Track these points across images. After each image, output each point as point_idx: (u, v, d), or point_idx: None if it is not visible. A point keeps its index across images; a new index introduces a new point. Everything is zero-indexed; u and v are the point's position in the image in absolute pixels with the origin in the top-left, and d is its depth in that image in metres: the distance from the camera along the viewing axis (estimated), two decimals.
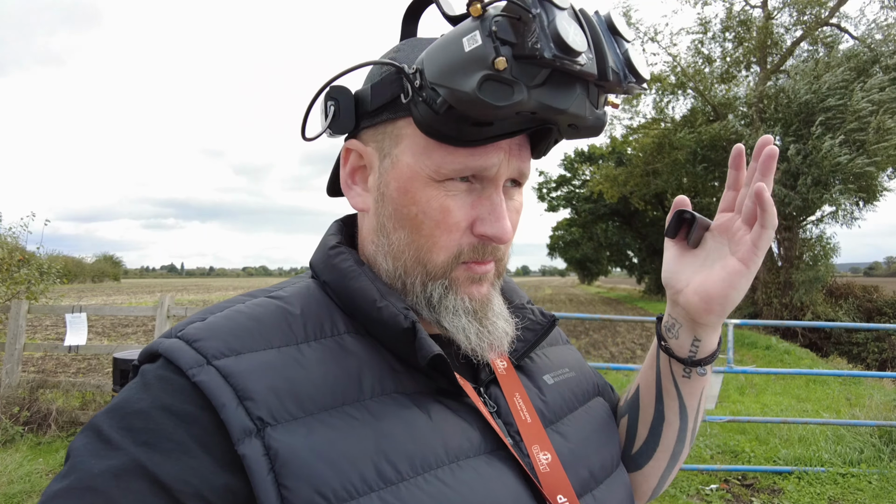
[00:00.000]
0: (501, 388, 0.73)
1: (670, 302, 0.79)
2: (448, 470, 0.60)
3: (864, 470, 4.58)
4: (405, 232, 0.67)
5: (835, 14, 17.01)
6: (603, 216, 33.83)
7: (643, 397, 0.85)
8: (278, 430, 0.55)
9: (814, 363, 11.14)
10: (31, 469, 4.68)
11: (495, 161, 0.64)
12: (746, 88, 17.90)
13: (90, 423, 0.56)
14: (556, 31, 0.53)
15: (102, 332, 13.94)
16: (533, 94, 0.56)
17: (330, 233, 0.77)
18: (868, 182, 14.73)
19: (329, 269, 0.71)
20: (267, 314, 0.64)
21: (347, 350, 0.65)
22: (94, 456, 0.53)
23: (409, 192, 0.65)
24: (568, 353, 0.91)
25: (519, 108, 0.56)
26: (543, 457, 0.68)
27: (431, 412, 0.64)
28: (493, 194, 0.65)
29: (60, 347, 5.82)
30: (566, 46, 0.53)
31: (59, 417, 5.55)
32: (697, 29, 18.53)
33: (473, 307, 0.69)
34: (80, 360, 9.77)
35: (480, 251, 0.67)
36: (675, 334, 0.78)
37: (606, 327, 15.99)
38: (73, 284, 50.40)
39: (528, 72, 0.55)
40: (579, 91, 0.58)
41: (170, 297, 5.81)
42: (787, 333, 14.54)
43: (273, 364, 0.59)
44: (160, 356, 0.60)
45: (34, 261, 7.50)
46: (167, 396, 0.56)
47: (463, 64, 0.56)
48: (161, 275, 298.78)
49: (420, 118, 0.61)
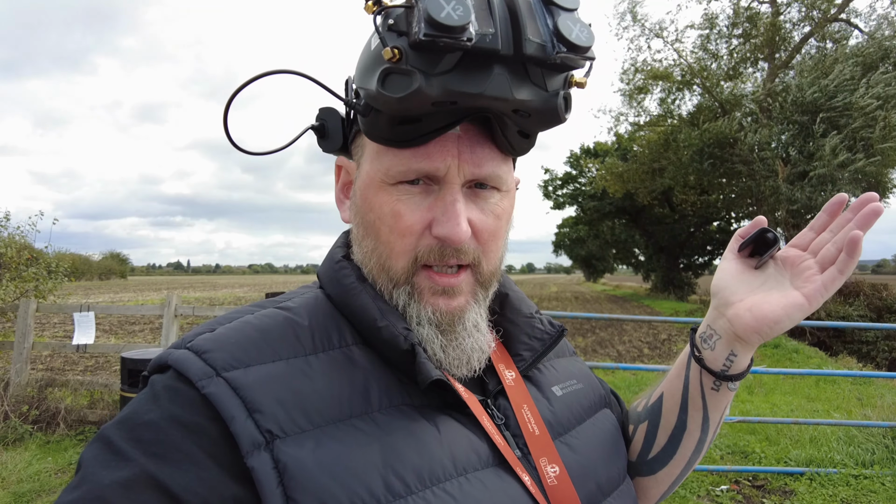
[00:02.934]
0: (509, 399, 0.72)
1: (714, 313, 0.77)
2: (456, 483, 0.60)
3: (877, 472, 4.53)
4: (370, 239, 0.68)
5: (844, 9, 16.86)
6: (609, 214, 33.70)
7: (667, 405, 0.83)
8: (287, 443, 0.55)
9: (823, 362, 11.06)
10: (40, 468, 4.70)
11: (441, 164, 0.63)
12: (754, 85, 17.77)
13: (100, 434, 0.57)
14: (427, 11, 0.52)
15: (110, 330, 14.00)
16: (436, 81, 0.54)
17: (337, 244, 0.78)
18: (876, 179, 14.60)
19: (333, 283, 0.72)
20: (275, 325, 0.65)
21: (355, 362, 0.65)
22: (104, 467, 0.53)
23: (367, 199, 0.67)
24: (575, 364, 0.91)
25: (422, 97, 0.54)
26: (551, 469, 0.68)
27: (439, 424, 0.64)
28: (446, 195, 0.64)
29: (68, 346, 5.84)
30: (436, 23, 0.51)
31: (68, 416, 5.58)
32: (704, 25, 18.40)
33: (438, 319, 0.67)
34: (88, 358, 9.81)
35: (439, 254, 0.65)
36: (712, 345, 0.76)
37: (613, 325, 15.94)
38: (80, 282, 50.72)
39: (428, 60, 0.54)
40: (497, 72, 0.55)
41: (177, 295, 5.81)
42: (794, 332, 14.42)
43: (281, 376, 0.59)
44: (170, 367, 0.60)
45: (42, 259, 7.52)
46: (176, 408, 0.56)
47: (370, 63, 0.58)
48: (167, 272, 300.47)
49: (361, 124, 0.64)
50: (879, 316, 15.96)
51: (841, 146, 13.49)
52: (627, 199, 26.43)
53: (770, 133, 15.17)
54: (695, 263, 34.82)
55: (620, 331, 15.12)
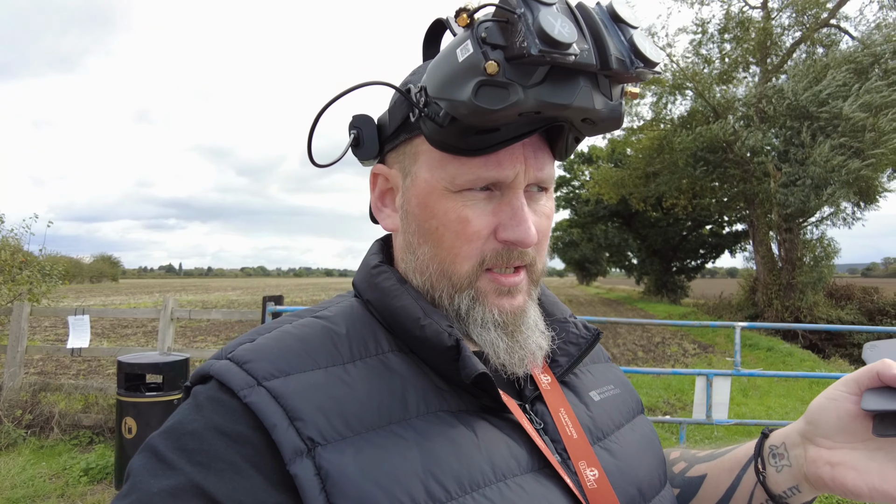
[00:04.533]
0: (546, 404, 0.72)
1: (797, 437, 0.69)
2: (496, 489, 0.60)
3: None
4: (428, 246, 0.68)
5: (834, 15, 17.02)
6: (602, 217, 33.84)
7: (706, 491, 0.80)
8: (328, 450, 0.56)
9: (815, 365, 11.14)
10: (34, 473, 4.66)
11: (510, 171, 0.65)
12: (746, 89, 17.89)
13: (147, 444, 0.58)
14: (540, 26, 0.54)
15: (102, 334, 13.90)
16: (531, 93, 0.56)
17: (372, 252, 0.78)
18: (867, 184, 14.72)
19: (372, 288, 0.72)
20: (313, 335, 0.66)
21: (392, 369, 0.65)
22: (152, 476, 0.54)
23: (429, 207, 0.67)
24: (611, 370, 0.90)
25: (517, 108, 0.57)
26: (591, 473, 0.67)
27: (477, 430, 0.64)
28: (512, 199, 0.66)
29: (62, 349, 5.80)
30: (551, 40, 0.54)
31: (62, 420, 5.53)
32: (695, 29, 18.52)
33: (504, 320, 0.68)
34: (81, 361, 9.73)
35: (505, 257, 0.67)
36: (778, 468, 0.71)
37: (607, 329, 15.97)
38: (71, 285, 50.37)
39: (522, 72, 0.56)
40: (583, 84, 0.58)
41: (173, 299, 5.78)
42: (787, 335, 14.53)
43: (321, 384, 0.60)
44: (211, 378, 0.61)
45: (35, 262, 7.47)
46: (219, 417, 0.57)
47: (458, 74, 0.58)
48: (159, 275, 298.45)
49: (428, 133, 0.64)
50: (871, 318, 16.13)
51: (832, 152, 13.60)
52: (621, 203, 26.52)
53: (763, 137, 15.28)
54: (688, 267, 35.05)
55: (614, 334, 15.16)
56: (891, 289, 18.96)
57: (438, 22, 0.76)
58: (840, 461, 0.63)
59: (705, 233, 31.99)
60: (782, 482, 0.71)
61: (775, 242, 17.37)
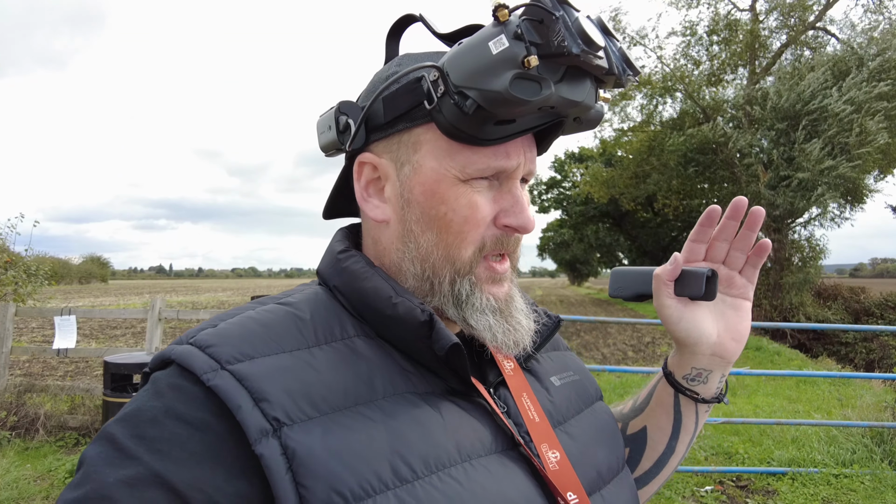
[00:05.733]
0: (510, 388, 0.74)
1: (696, 355, 0.83)
2: (461, 469, 0.61)
3: (856, 471, 4.61)
4: (433, 233, 0.69)
5: (821, 18, 17.19)
6: (593, 217, 33.99)
7: (653, 437, 0.89)
8: (294, 430, 0.56)
9: (803, 364, 11.23)
10: (19, 475, 4.60)
11: (516, 161, 0.68)
12: (735, 91, 18.02)
13: (103, 432, 0.57)
14: (582, 29, 0.59)
15: (90, 335, 13.77)
16: (556, 88, 0.60)
17: (336, 239, 0.79)
18: (854, 185, 14.87)
19: (339, 273, 0.73)
20: (277, 320, 0.66)
21: (358, 353, 0.66)
22: (108, 465, 0.54)
23: (437, 194, 0.68)
24: (569, 357, 0.94)
25: (546, 102, 0.60)
26: (552, 455, 0.70)
27: (443, 412, 0.65)
28: (513, 188, 0.70)
29: (48, 350, 5.73)
30: (591, 41, 0.59)
31: (48, 422, 5.47)
32: (684, 31, 18.64)
33: (499, 306, 0.72)
34: (68, 363, 9.63)
35: (503, 243, 0.71)
36: (704, 380, 0.84)
37: (598, 329, 16.05)
38: (59, 286, 49.83)
39: (552, 68, 0.60)
40: (589, 85, 0.64)
41: (161, 299, 5.74)
42: (776, 334, 14.66)
43: (286, 367, 0.60)
44: (172, 362, 0.60)
45: (21, 262, 7.39)
46: (180, 404, 0.57)
47: (492, 65, 0.59)
48: (149, 276, 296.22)
49: (444, 122, 0.64)
50: (857, 318, 16.27)
51: (823, 152, 13.72)
52: (612, 204, 26.65)
53: (752, 138, 15.40)
54: None
55: (605, 334, 15.22)
56: (877, 289, 19.16)
57: (406, 18, 0.77)
58: (729, 329, 0.82)
59: None
60: (712, 385, 0.84)
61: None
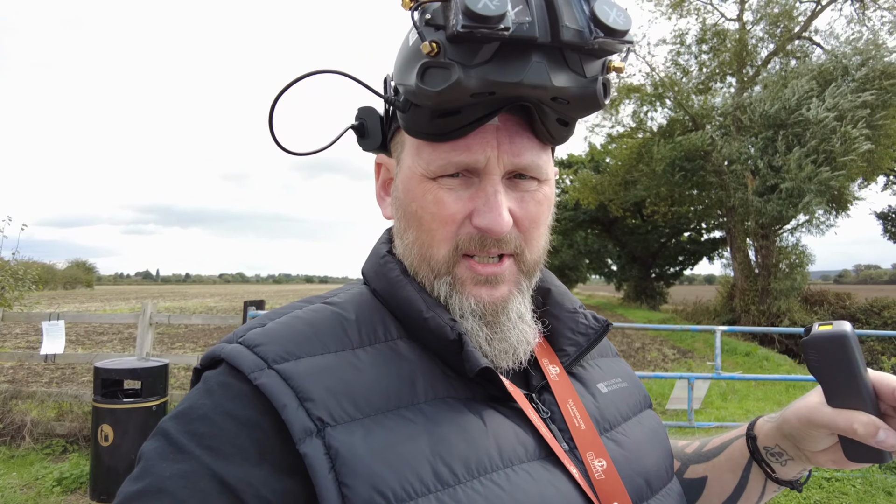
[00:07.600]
0: (554, 394, 0.72)
1: (785, 441, 0.73)
2: (503, 474, 0.60)
3: (847, 474, 4.65)
4: (412, 230, 0.69)
5: (806, 28, 17.46)
6: (583, 223, 34.09)
7: (711, 490, 0.82)
8: (338, 430, 0.56)
9: (792, 369, 11.33)
10: (4, 483, 4.52)
11: (480, 156, 0.63)
12: (723, 99, 18.24)
13: (159, 427, 0.59)
14: (464, 2, 0.52)
15: (76, 341, 13.58)
16: (474, 72, 0.55)
17: (381, 241, 0.79)
18: (839, 192, 15.06)
19: (379, 278, 0.73)
20: (323, 320, 0.66)
21: (401, 355, 0.66)
22: (164, 459, 0.56)
23: (410, 191, 0.68)
24: (618, 364, 0.90)
25: (461, 88, 0.55)
26: (598, 464, 0.67)
27: (485, 417, 0.64)
28: (487, 186, 0.64)
29: (35, 356, 5.64)
30: (474, 14, 0.52)
31: (34, 429, 5.38)
32: (674, 40, 18.86)
33: (481, 310, 0.67)
34: (54, 369, 9.49)
35: (479, 243, 0.65)
36: (783, 463, 0.76)
37: None
38: (44, 291, 49.25)
39: (466, 51, 0.55)
40: (535, 60, 0.56)
41: (152, 304, 5.67)
42: (764, 340, 14.78)
43: (330, 367, 0.61)
44: (222, 361, 0.62)
45: (7, 267, 7.28)
46: (228, 402, 0.58)
47: (409, 58, 0.59)
48: (136, 281, 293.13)
49: (401, 120, 0.65)
50: None
51: (806, 160, 13.88)
52: (601, 210, 26.76)
53: (739, 146, 15.57)
54: (666, 273, 35.44)
55: None
56: (862, 294, 19.41)
57: None
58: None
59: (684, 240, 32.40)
60: (791, 471, 0.75)
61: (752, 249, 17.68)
